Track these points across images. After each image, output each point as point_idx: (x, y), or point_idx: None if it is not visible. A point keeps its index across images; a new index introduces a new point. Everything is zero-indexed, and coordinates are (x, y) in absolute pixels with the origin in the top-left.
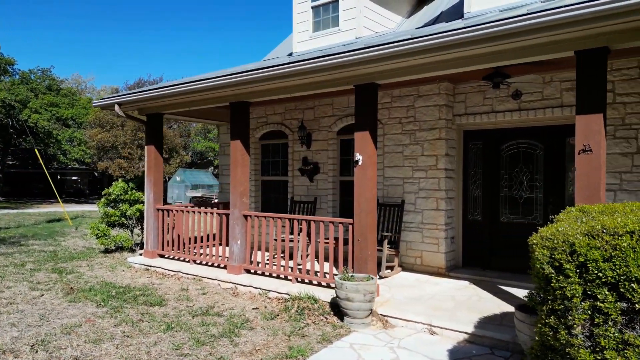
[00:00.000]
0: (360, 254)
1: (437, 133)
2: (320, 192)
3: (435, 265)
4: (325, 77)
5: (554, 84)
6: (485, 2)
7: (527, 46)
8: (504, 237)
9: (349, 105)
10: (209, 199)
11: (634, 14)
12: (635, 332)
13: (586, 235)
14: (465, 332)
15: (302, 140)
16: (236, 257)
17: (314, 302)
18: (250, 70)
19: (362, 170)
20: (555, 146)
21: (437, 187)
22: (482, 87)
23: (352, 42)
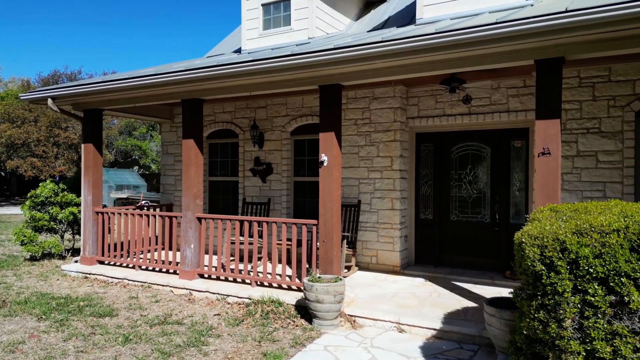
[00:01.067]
0: (326, 254)
1: (392, 135)
2: (273, 192)
3: (391, 263)
4: (290, 77)
5: (501, 90)
6: (437, 9)
7: (491, 53)
8: (453, 235)
9: (304, 105)
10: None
11: (585, 29)
12: (623, 323)
13: (575, 234)
14: (434, 328)
15: (255, 140)
16: (189, 262)
17: (278, 306)
18: (210, 67)
19: (328, 171)
20: (501, 148)
21: (392, 188)
22: (434, 92)
23: (305, 42)
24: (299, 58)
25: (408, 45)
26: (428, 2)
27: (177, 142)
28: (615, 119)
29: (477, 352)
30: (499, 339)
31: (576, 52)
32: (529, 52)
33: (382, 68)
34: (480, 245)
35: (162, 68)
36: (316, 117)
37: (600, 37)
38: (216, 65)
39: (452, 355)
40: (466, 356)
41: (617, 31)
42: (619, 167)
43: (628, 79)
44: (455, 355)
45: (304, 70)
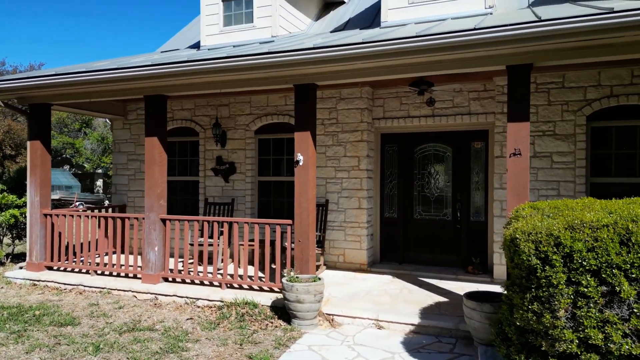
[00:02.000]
0: (302, 254)
1: (360, 135)
2: (237, 192)
3: (358, 262)
4: (265, 75)
5: (463, 93)
6: (401, 13)
7: (469, 58)
8: (417, 233)
9: (269, 104)
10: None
11: (551, 39)
12: (614, 311)
13: (568, 229)
14: (411, 323)
15: (217, 138)
16: (153, 265)
17: (253, 307)
18: (183, 62)
19: (304, 170)
20: (462, 149)
21: (359, 187)
22: (399, 93)
23: (269, 40)
24: (279, 56)
25: (392, 47)
26: (393, 6)
27: (131, 140)
28: (568, 123)
29: (456, 344)
30: (479, 331)
31: (544, 59)
32: (502, 58)
33: (360, 69)
34: (442, 243)
35: (121, 62)
36: (282, 116)
37: (566, 46)
38: (190, 61)
39: (433, 349)
40: (446, 349)
41: (582, 41)
42: (572, 167)
43: (580, 86)
44: (435, 348)
45: (280, 68)
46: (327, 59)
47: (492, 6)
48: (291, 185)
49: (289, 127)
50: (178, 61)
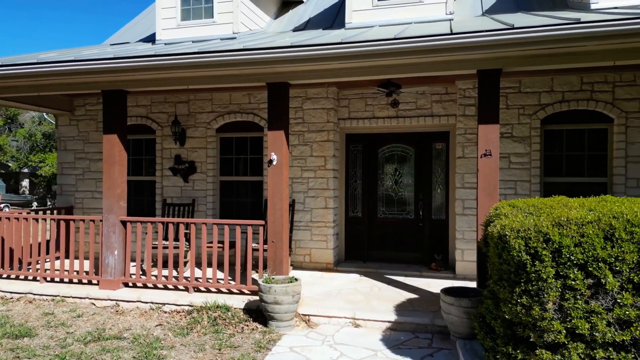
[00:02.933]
0: (276, 255)
1: (326, 135)
2: (197, 193)
3: (324, 261)
4: (237, 72)
5: (426, 95)
6: (365, 15)
7: (444, 61)
8: (381, 232)
9: (232, 102)
10: None
11: (521, 46)
12: (599, 302)
13: (556, 226)
14: (388, 320)
15: (176, 136)
16: (113, 270)
17: (225, 311)
18: (149, 57)
19: (277, 170)
20: (424, 150)
21: (326, 187)
22: (364, 94)
23: (230, 36)
24: (255, 53)
25: (372, 49)
26: (357, 8)
27: (79, 137)
28: (524, 126)
29: (433, 339)
30: (457, 325)
31: (513, 65)
32: (474, 63)
33: (335, 69)
34: (405, 241)
35: (71, 54)
36: (246, 114)
37: (533, 53)
38: (159, 56)
39: (412, 345)
40: (424, 344)
41: (548, 49)
42: (528, 167)
43: (535, 91)
44: (414, 344)
45: (255, 66)
46: (305, 58)
47: (452, 12)
48: (255, 186)
49: (253, 125)
50: (146, 55)
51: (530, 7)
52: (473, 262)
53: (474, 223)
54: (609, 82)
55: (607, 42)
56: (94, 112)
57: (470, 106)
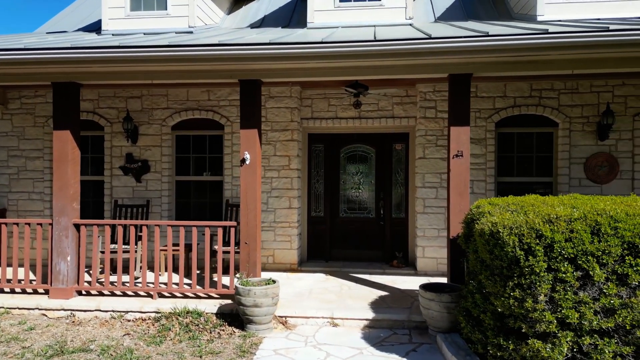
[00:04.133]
0: (249, 257)
1: (290, 134)
2: (151, 193)
3: (288, 262)
4: (209, 67)
5: (387, 97)
6: (327, 16)
7: (417, 64)
8: (343, 231)
9: (189, 98)
10: None
11: (491, 53)
12: (587, 292)
13: (547, 223)
14: (366, 318)
15: (128, 133)
16: (65, 278)
17: (197, 316)
18: (114, 48)
19: (251, 169)
20: (385, 150)
21: (290, 187)
22: (327, 94)
23: (186, 30)
24: (233, 49)
25: (352, 49)
26: (319, 8)
27: (13, 133)
28: (481, 128)
29: (411, 334)
30: (437, 320)
31: (482, 70)
32: (447, 67)
33: (310, 68)
34: (367, 239)
35: (10, 41)
36: (205, 111)
37: (501, 60)
38: (125, 47)
39: (393, 341)
40: (405, 340)
41: (515, 56)
42: (484, 168)
43: (490, 96)
44: (395, 340)
45: (230, 62)
46: (283, 56)
47: (412, 17)
48: (215, 186)
49: (212, 123)
50: (110, 46)
51: (478, 17)
52: (434, 258)
53: (435, 221)
54: (555, 89)
55: (569, 52)
56: (30, 105)
57: (430, 109)
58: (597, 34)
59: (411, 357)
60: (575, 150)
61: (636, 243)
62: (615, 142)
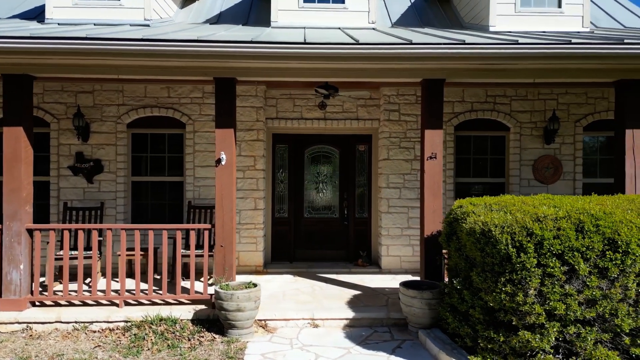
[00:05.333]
0: (225, 260)
1: (256, 134)
2: (104, 195)
3: (253, 264)
4: (183, 64)
5: (351, 99)
6: (291, 17)
7: (397, 68)
8: (307, 231)
9: (147, 94)
10: None
11: (465, 60)
12: (572, 285)
13: (536, 221)
14: (345, 318)
15: (79, 131)
16: (18, 288)
17: (173, 324)
18: (84, 39)
19: (227, 170)
20: (349, 151)
21: (255, 187)
22: (292, 95)
23: (142, 23)
24: (216, 46)
25: (337, 52)
26: (283, 7)
27: None
28: None
29: (392, 332)
30: (419, 317)
31: (454, 76)
32: (422, 72)
33: (292, 68)
34: (331, 239)
35: None
36: (164, 109)
37: (473, 67)
38: (94, 39)
39: (377, 339)
40: (387, 337)
41: (485, 64)
42: (444, 169)
43: (450, 101)
44: (378, 338)
45: (205, 59)
46: (266, 55)
47: (374, 22)
48: (174, 187)
49: (172, 121)
50: (77, 37)
51: (432, 25)
52: (397, 257)
53: (398, 221)
54: (507, 95)
55: (535, 62)
56: None
57: (394, 111)
58: (561, 46)
59: (398, 354)
60: (525, 153)
61: (615, 239)
62: (559, 146)
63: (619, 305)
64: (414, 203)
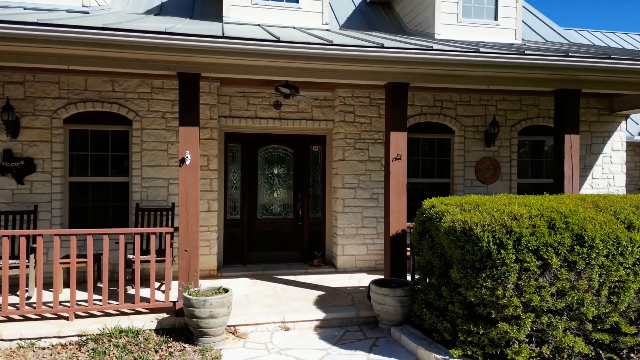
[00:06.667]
0: (189, 265)
1: (209, 133)
2: (38, 197)
3: (207, 268)
4: (144, 56)
5: (307, 100)
6: (243, 13)
7: (365, 71)
8: (260, 233)
9: (88, 87)
10: None
11: (428, 65)
12: (545, 278)
13: (513, 219)
14: (316, 319)
15: (7, 126)
16: None
17: (135, 335)
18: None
19: (191, 170)
20: (303, 152)
21: (209, 188)
22: (246, 93)
23: (80, 9)
24: (185, 39)
25: (313, 52)
26: (235, 3)
27: None
28: None
29: (363, 330)
30: (392, 314)
31: (417, 80)
32: (387, 75)
33: (261, 66)
34: (286, 240)
35: None
36: (108, 104)
37: (433, 73)
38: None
39: (351, 338)
40: (360, 336)
41: (444, 70)
42: None
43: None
44: (352, 337)
45: (169, 53)
46: (240, 52)
47: (328, 23)
48: (119, 188)
49: (117, 118)
50: (26, 22)
51: (378, 29)
52: (352, 255)
53: (353, 220)
54: (453, 101)
55: (491, 70)
56: None
57: (349, 113)
58: (517, 55)
59: (376, 352)
60: (469, 155)
61: (582, 234)
62: (498, 149)
63: (585, 295)
64: (368, 203)
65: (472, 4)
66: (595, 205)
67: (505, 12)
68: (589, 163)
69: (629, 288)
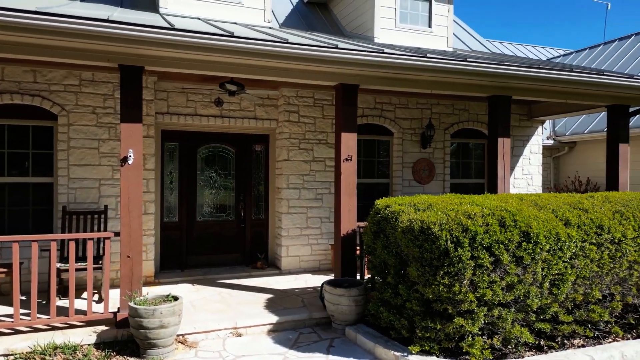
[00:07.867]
0: (132, 273)
1: (146, 130)
2: None
3: (144, 274)
4: (82, 45)
5: (249, 98)
6: (183, 6)
7: (316, 71)
8: (200, 236)
9: (5, 77)
10: None
11: (379, 68)
12: (497, 274)
13: (468, 218)
14: (269, 323)
15: None
16: None
17: (72, 351)
18: None
19: (134, 170)
20: (245, 151)
21: (145, 189)
22: (185, 89)
23: None
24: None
25: (269, 49)
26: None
27: None
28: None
29: (316, 332)
30: (347, 314)
31: (367, 83)
32: (339, 76)
33: (210, 62)
34: (227, 243)
35: None
36: (29, 96)
37: (378, 76)
38: None
39: (307, 341)
40: (315, 338)
41: (392, 73)
42: None
43: None
44: (307, 340)
45: (112, 43)
46: (191, 45)
47: (270, 21)
48: (41, 189)
49: (40, 112)
50: None
51: (317, 30)
52: (297, 257)
53: (298, 221)
54: (392, 103)
55: (435, 75)
56: None
57: (293, 113)
58: (461, 62)
59: (334, 353)
60: (406, 156)
61: (528, 232)
62: (432, 150)
63: (530, 287)
64: (312, 203)
65: (409, 11)
66: (535, 204)
67: (438, 21)
68: (512, 164)
69: (567, 280)
